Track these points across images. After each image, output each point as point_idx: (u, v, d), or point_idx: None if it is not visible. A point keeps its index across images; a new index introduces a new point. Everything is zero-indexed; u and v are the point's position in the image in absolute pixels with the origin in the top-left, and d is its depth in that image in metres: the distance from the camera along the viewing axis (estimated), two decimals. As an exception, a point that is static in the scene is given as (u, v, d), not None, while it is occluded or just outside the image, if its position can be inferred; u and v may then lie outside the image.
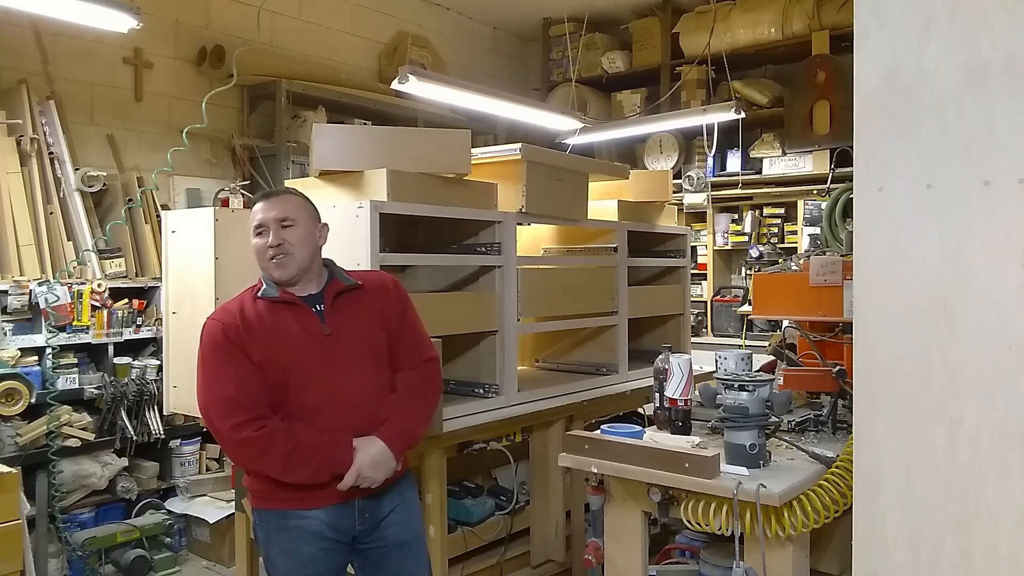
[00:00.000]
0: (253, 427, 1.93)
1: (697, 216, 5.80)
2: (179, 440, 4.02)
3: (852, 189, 1.62)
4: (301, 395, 2.01)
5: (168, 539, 3.88)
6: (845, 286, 2.49)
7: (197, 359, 2.05)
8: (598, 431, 2.29)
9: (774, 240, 5.54)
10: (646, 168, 5.88)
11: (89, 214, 3.97)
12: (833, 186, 3.81)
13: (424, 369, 2.19)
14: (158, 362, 3.76)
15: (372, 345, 2.11)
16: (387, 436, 2.04)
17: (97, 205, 4.08)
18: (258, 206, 2.11)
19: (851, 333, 1.66)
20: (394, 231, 2.86)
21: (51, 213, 3.83)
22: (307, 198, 2.18)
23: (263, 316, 2.04)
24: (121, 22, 2.96)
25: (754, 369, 2.46)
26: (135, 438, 3.73)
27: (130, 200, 4.08)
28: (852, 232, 1.65)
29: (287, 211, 2.08)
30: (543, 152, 3.20)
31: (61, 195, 3.89)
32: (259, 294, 2.08)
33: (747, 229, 5.67)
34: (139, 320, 3.87)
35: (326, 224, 2.18)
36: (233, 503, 3.08)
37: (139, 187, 4.13)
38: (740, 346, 4.92)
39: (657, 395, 2.48)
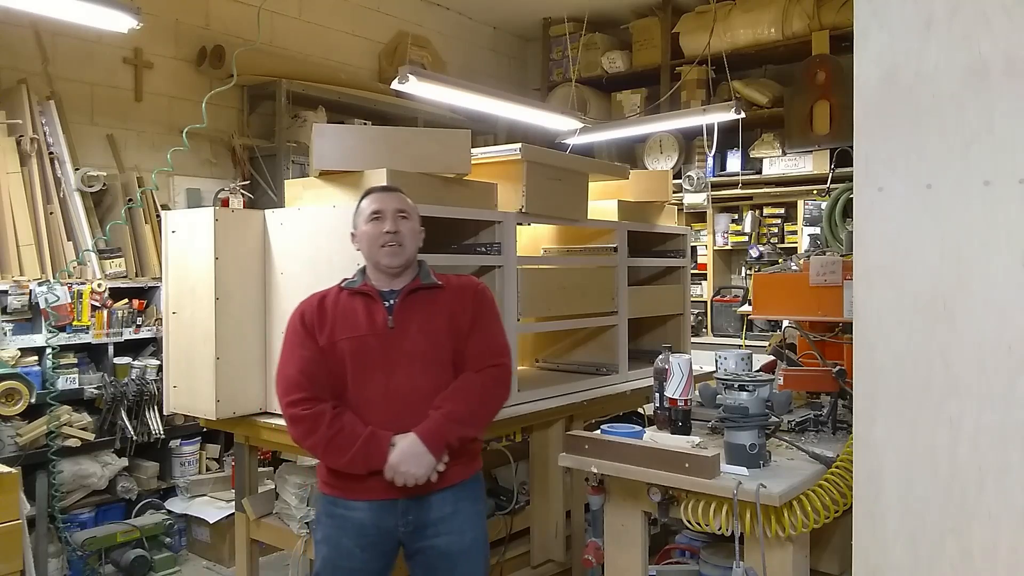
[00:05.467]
0: (304, 406, 2.03)
1: (697, 216, 5.80)
2: (179, 440, 4.03)
3: (852, 189, 1.62)
4: (357, 384, 2.08)
5: (168, 539, 3.88)
6: (845, 286, 2.48)
7: None
8: (598, 431, 2.29)
9: (774, 240, 5.54)
10: (646, 168, 5.88)
11: (89, 214, 3.97)
12: (833, 186, 3.81)
13: (487, 373, 2.12)
14: (158, 362, 3.76)
15: (434, 344, 2.11)
16: (422, 431, 2.00)
17: (97, 205, 4.08)
18: (373, 196, 2.18)
19: (851, 333, 1.66)
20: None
21: (51, 213, 3.83)
22: None
23: (338, 304, 2.14)
24: (121, 22, 2.96)
25: (754, 369, 2.46)
26: (135, 438, 3.73)
27: (130, 200, 4.08)
28: (852, 232, 1.64)
29: (404, 204, 2.18)
30: (543, 152, 3.20)
31: (61, 195, 3.89)
32: (344, 285, 2.18)
33: (747, 229, 5.67)
34: (139, 320, 3.87)
35: (423, 228, 2.24)
36: (233, 503, 3.07)
37: (139, 187, 4.13)
38: (740, 346, 4.92)
39: (657, 395, 2.48)
